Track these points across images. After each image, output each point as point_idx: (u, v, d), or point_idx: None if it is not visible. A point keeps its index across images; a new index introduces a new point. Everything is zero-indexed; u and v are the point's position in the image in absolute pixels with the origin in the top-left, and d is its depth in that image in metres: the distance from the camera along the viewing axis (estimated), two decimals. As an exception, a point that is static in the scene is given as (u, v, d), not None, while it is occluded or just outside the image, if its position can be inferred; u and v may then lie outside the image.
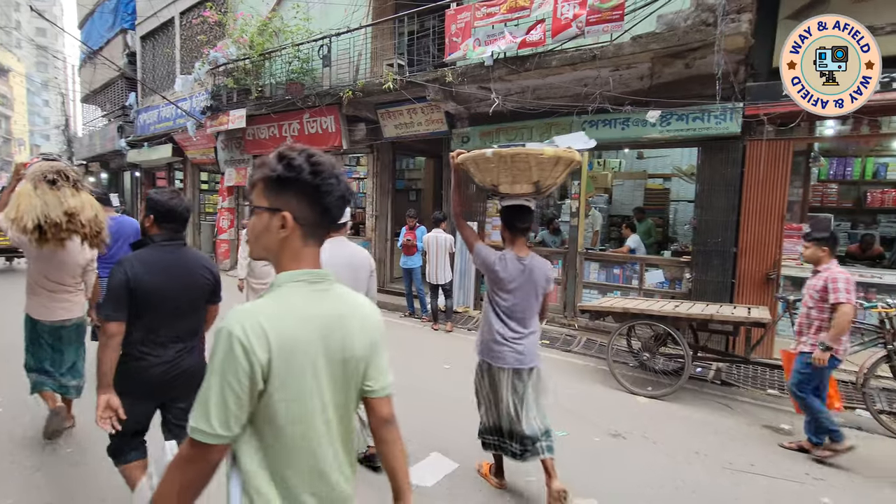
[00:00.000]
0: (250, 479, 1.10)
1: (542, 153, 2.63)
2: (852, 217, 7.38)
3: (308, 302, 1.16)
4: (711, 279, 5.86)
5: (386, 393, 1.30)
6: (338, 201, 1.18)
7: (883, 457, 3.69)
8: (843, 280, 3.46)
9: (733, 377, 5.28)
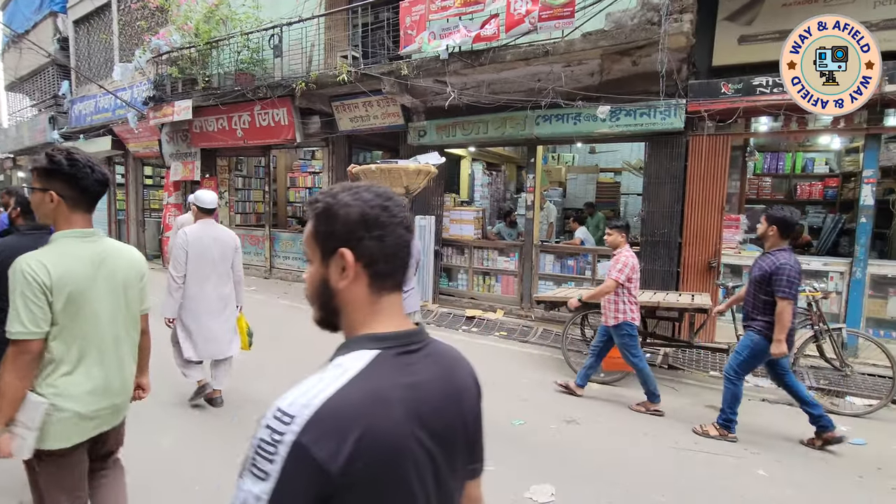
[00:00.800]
0: (52, 351, 1.71)
1: (409, 168, 4.25)
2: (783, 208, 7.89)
3: (79, 247, 1.75)
4: (659, 268, 6.12)
5: (145, 310, 2.02)
6: (94, 184, 1.74)
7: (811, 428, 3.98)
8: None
9: (679, 361, 5.56)
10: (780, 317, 3.48)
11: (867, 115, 5.17)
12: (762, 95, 5.28)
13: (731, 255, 5.83)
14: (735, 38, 5.57)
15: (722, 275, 5.78)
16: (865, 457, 3.52)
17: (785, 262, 3.52)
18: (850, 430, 3.88)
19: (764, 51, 5.43)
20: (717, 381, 5.10)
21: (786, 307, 3.46)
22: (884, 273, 5.22)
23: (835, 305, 5.36)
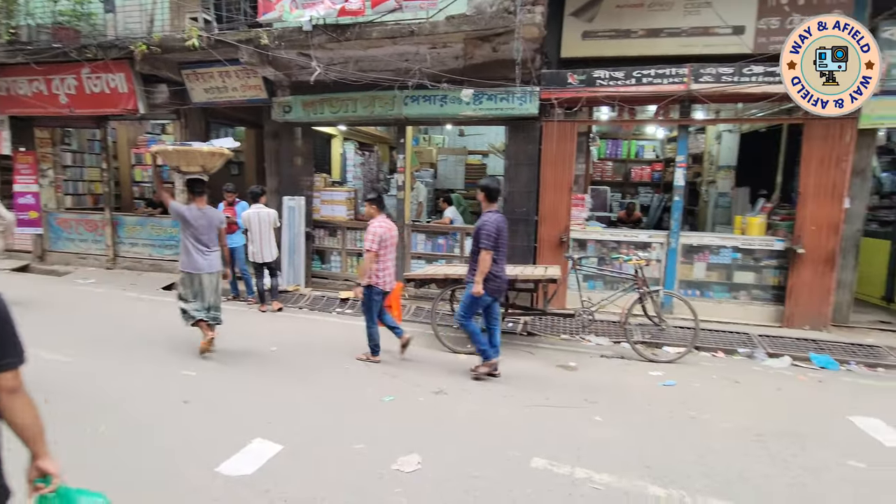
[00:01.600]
0: None
1: (203, 149, 4.73)
2: (622, 189, 9.04)
3: None
4: (519, 244, 6.61)
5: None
6: None
7: (637, 376, 4.66)
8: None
9: (537, 328, 6.10)
10: (480, 264, 4.24)
11: (679, 110, 6.06)
12: (601, 87, 5.91)
13: (579, 231, 6.51)
14: (579, 33, 6.12)
15: (571, 248, 6.43)
16: (674, 395, 4.23)
17: (485, 220, 4.26)
18: (664, 374, 4.64)
19: (603, 46, 6.07)
20: (568, 342, 5.72)
21: (483, 256, 4.21)
22: (691, 242, 6.26)
23: (657, 271, 6.30)
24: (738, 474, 2.99)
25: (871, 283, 7.18)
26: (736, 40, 5.60)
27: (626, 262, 5.30)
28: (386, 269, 4.71)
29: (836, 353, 5.17)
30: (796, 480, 2.95)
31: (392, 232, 4.73)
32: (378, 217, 4.70)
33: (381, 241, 4.59)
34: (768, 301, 6.05)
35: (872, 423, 3.71)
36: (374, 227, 4.58)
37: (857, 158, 5.58)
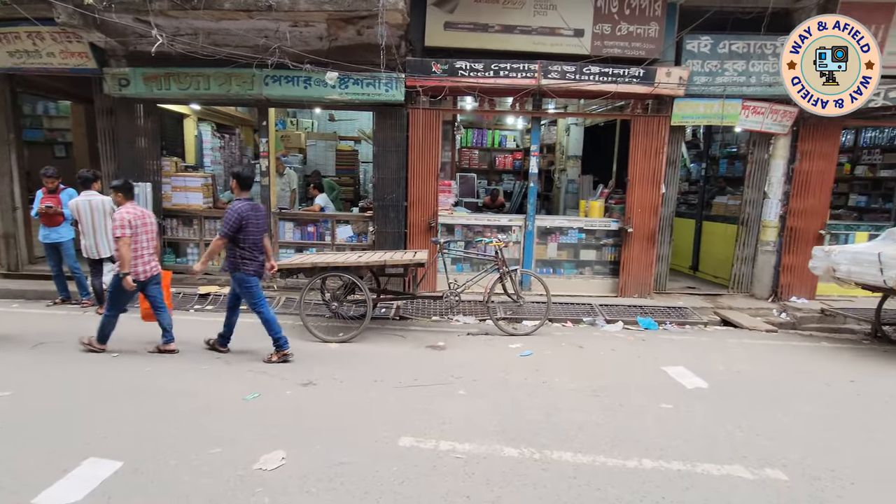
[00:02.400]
0: None
1: None
2: (487, 176, 9.58)
3: None
4: (390, 230, 6.68)
5: None
6: None
7: (499, 350, 5.05)
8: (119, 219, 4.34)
9: (409, 311, 6.26)
10: (210, 248, 4.44)
11: (532, 102, 6.59)
12: (463, 77, 6.16)
13: (446, 216, 6.78)
14: (442, 23, 6.28)
15: (439, 233, 6.68)
16: (530, 364, 4.67)
17: (229, 209, 4.36)
18: (522, 346, 5.10)
19: (464, 38, 6.31)
20: (438, 324, 5.96)
21: (215, 241, 4.37)
22: (545, 225, 6.91)
23: (517, 252, 6.84)
24: (579, 427, 3.43)
25: (682, 256, 8.64)
26: (577, 42, 6.22)
27: (488, 245, 5.67)
28: (140, 256, 4.54)
29: (656, 315, 6.15)
30: (621, 424, 3.47)
31: (146, 219, 4.59)
32: (126, 204, 4.51)
33: (132, 225, 4.40)
34: (607, 275, 6.96)
35: (679, 370, 4.51)
36: (120, 214, 4.39)
37: (670, 151, 6.61)
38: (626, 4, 6.19)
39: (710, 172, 9.04)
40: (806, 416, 3.70)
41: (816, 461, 3.04)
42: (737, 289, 7.13)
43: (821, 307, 6.31)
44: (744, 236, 7.02)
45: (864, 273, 5.01)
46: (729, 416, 3.61)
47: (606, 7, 6.19)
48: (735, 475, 2.89)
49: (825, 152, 6.68)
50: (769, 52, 6.36)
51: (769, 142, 6.72)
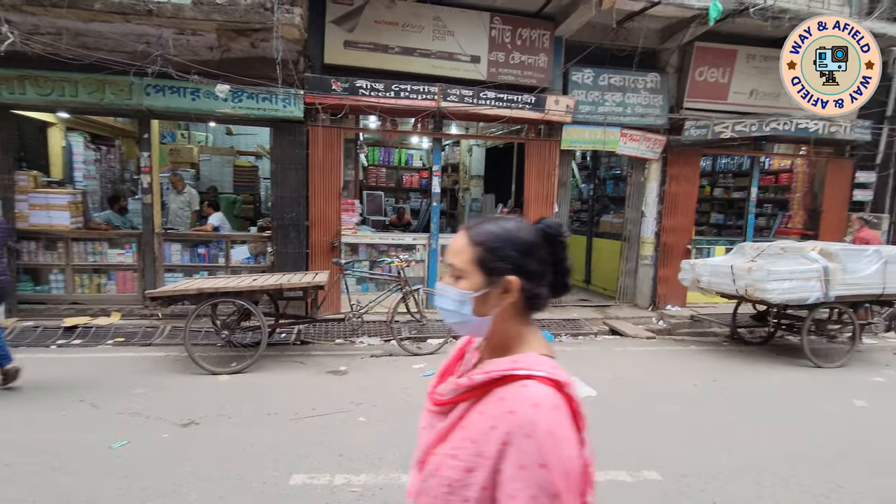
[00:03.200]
0: None
1: None
2: (395, 194, 9.60)
3: None
4: (290, 251, 6.40)
5: None
6: None
7: (403, 371, 5.01)
8: None
9: (311, 335, 6.01)
10: None
11: (433, 123, 6.73)
12: (364, 97, 6.14)
13: (350, 236, 6.65)
14: (341, 41, 6.22)
15: (343, 253, 6.53)
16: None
17: None
18: (426, 365, 5.11)
19: (365, 58, 6.29)
20: (341, 347, 5.79)
21: None
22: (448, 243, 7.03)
23: (421, 270, 6.89)
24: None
25: (575, 270, 9.21)
26: (474, 68, 6.49)
27: (391, 264, 5.65)
28: None
29: (553, 328, 6.51)
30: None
31: None
32: None
33: None
34: (509, 290, 7.23)
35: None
36: None
37: (561, 173, 7.09)
38: (517, 35, 6.59)
39: (598, 192, 9.83)
40: (677, 417, 4.09)
41: (685, 459, 3.37)
42: (622, 299, 7.79)
43: (690, 314, 7.08)
44: (626, 251, 7.71)
45: (722, 283, 5.71)
46: (614, 423, 3.88)
47: (500, 37, 6.54)
48: (618, 480, 3.11)
49: (689, 176, 7.58)
50: (641, 87, 7.11)
51: (644, 166, 7.48)
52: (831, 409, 4.39)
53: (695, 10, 6.24)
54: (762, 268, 5.27)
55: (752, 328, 6.60)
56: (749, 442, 3.67)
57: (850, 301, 5.61)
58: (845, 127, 7.40)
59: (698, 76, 7.21)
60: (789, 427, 3.98)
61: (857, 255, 5.50)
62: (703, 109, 7.36)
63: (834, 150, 8.16)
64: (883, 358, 6.02)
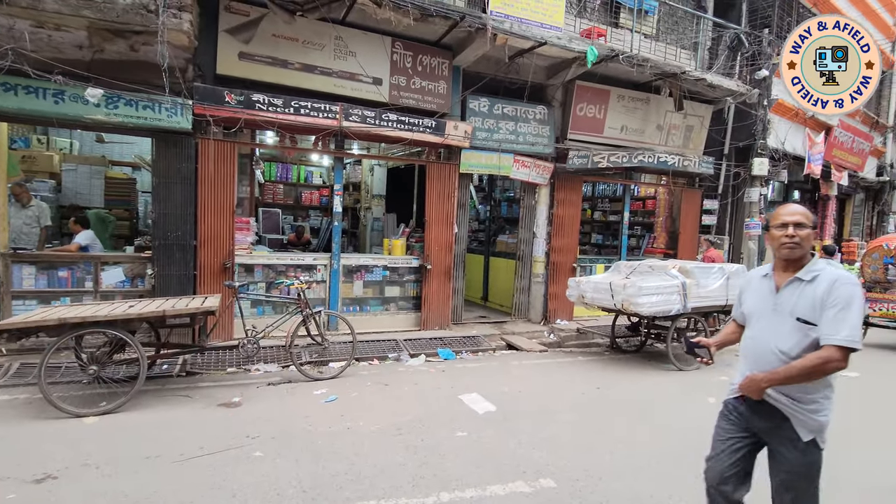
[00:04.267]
0: None
1: None
2: (294, 212, 9.26)
3: None
4: (174, 273, 5.86)
5: None
6: None
7: (303, 398, 4.81)
8: None
9: (199, 365, 5.53)
10: None
11: (335, 142, 6.66)
12: (261, 111, 5.89)
13: (244, 256, 6.28)
14: (236, 52, 5.93)
15: (236, 274, 6.14)
16: (335, 409, 4.56)
17: None
18: (328, 391, 4.96)
19: (262, 71, 6.06)
20: (234, 376, 5.40)
21: None
22: (351, 263, 6.96)
23: (322, 291, 6.71)
24: (381, 470, 3.45)
25: (475, 288, 9.66)
26: (376, 90, 6.56)
27: (289, 286, 5.42)
28: None
29: (454, 345, 6.70)
30: (422, 461, 3.63)
31: None
32: None
33: None
34: (410, 310, 7.32)
35: (473, 397, 4.96)
36: None
37: (460, 195, 7.40)
38: (418, 62, 6.81)
39: (495, 213, 10.39)
40: (568, 425, 4.43)
41: (576, 464, 3.66)
42: (518, 315, 8.26)
43: (577, 327, 7.73)
44: (520, 270, 8.23)
45: (602, 298, 6.34)
46: (512, 435, 4.10)
47: (402, 62, 6.71)
48: (517, 491, 3.28)
49: (573, 200, 8.35)
50: (531, 118, 7.73)
51: (535, 190, 8.10)
52: (691, 407, 5.06)
53: (575, 53, 6.97)
54: (634, 284, 5.96)
55: (627, 338, 7.38)
56: (628, 442, 4.10)
57: (702, 311, 6.54)
58: (695, 162, 8.70)
59: (579, 111, 8.03)
60: (659, 425, 4.51)
61: (706, 272, 6.46)
62: (584, 141, 8.20)
63: (687, 181, 9.54)
64: (727, 359, 7.07)
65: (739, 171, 9.59)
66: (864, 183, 14.27)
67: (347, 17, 6.17)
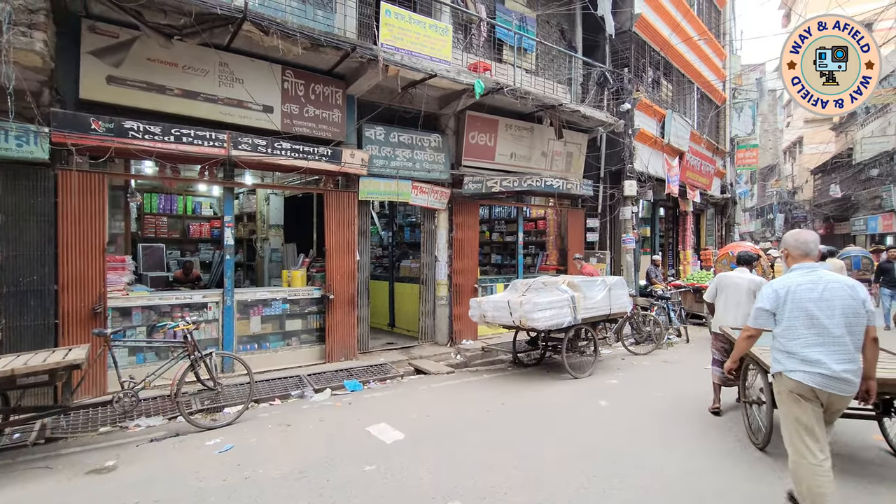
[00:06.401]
0: None
1: None
2: (181, 246, 8.54)
3: None
4: (29, 323, 5.09)
5: None
6: None
7: (193, 451, 4.38)
8: None
9: (63, 428, 4.81)
10: None
11: (224, 172, 6.32)
12: (135, 140, 5.41)
13: (119, 298, 5.64)
14: (104, 76, 5.43)
15: (109, 320, 5.49)
16: (231, 458, 4.20)
17: None
18: (223, 440, 4.57)
19: (137, 97, 5.59)
20: (109, 435, 4.78)
21: None
22: (246, 298, 6.56)
23: (215, 331, 6.23)
24: (284, 519, 3.26)
25: (381, 315, 9.59)
26: (266, 118, 6.37)
27: (174, 328, 4.96)
28: None
29: (361, 375, 6.56)
30: (328, 502, 3.48)
31: None
32: None
33: None
34: (314, 342, 7.06)
35: (381, 427, 4.88)
36: None
37: (361, 222, 7.37)
38: (311, 90, 6.75)
39: (398, 239, 10.46)
40: (475, 444, 4.53)
41: (483, 483, 3.74)
42: (425, 339, 8.33)
43: (482, 346, 7.99)
44: (425, 293, 8.34)
45: (502, 316, 6.65)
46: (420, 462, 4.10)
47: (293, 90, 6.60)
48: (426, 517, 3.27)
49: (471, 224, 8.71)
50: (426, 145, 7.99)
51: (435, 215, 8.32)
52: (586, 411, 5.45)
53: (464, 85, 7.38)
54: (530, 301, 6.33)
55: (528, 352, 7.77)
56: (530, 454, 4.29)
57: (591, 321, 7.12)
58: (576, 184, 9.55)
59: (471, 139, 8.46)
60: (558, 434, 4.79)
61: (592, 285, 7.07)
62: (478, 167, 8.64)
63: (571, 202, 10.43)
64: (615, 364, 7.76)
65: (614, 192, 10.72)
66: (712, 200, 16.63)
67: (232, 43, 5.96)
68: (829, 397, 2.86)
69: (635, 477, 3.83)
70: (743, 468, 3.99)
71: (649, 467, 4.00)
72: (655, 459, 4.15)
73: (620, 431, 4.82)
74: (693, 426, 4.94)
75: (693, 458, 4.17)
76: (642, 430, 4.85)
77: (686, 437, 4.63)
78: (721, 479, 3.82)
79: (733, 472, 3.93)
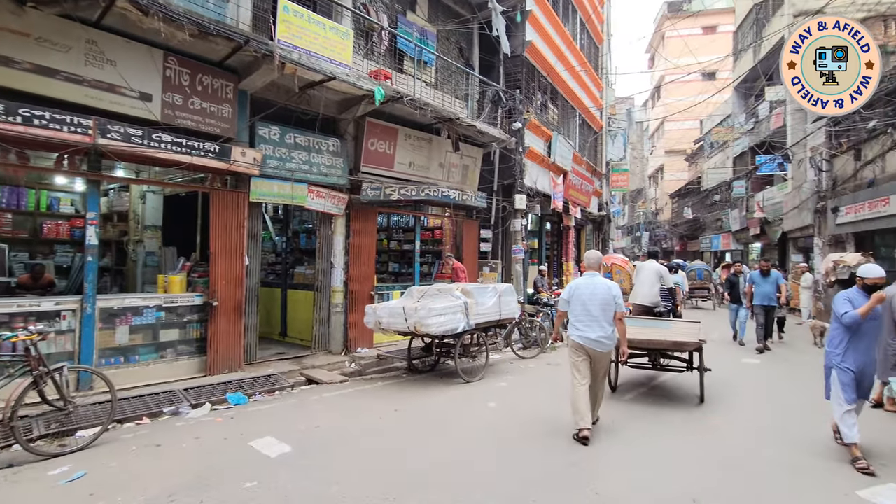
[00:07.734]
0: None
1: None
2: (31, 247, 7.35)
3: None
4: None
5: None
6: None
7: (32, 484, 3.78)
8: None
9: None
10: None
11: (88, 163, 5.61)
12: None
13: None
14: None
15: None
16: (82, 488, 3.67)
17: None
18: (72, 467, 3.99)
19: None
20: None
21: None
22: (111, 306, 5.83)
23: (70, 343, 5.45)
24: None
25: (272, 323, 9.12)
26: (144, 106, 5.79)
27: (12, 339, 4.23)
28: None
29: (246, 388, 6.15)
30: (202, 524, 3.21)
31: None
32: None
33: None
34: (193, 354, 6.48)
35: (266, 441, 4.62)
36: None
37: (251, 225, 6.97)
38: (198, 81, 6.27)
39: (293, 245, 10.02)
40: (365, 452, 4.48)
41: (373, 491, 3.69)
42: (318, 347, 8.07)
43: (377, 353, 7.93)
44: (319, 301, 8.09)
45: (397, 322, 6.68)
46: (307, 475, 3.94)
47: (177, 79, 6.08)
48: (312, 530, 3.16)
49: (369, 230, 8.66)
50: (324, 149, 7.82)
51: (332, 221, 8.14)
52: (476, 414, 5.66)
53: (364, 91, 7.37)
54: (425, 307, 6.45)
55: (422, 359, 7.88)
56: (421, 458, 4.35)
57: (482, 327, 7.44)
58: (471, 196, 9.95)
59: (371, 146, 8.45)
60: (449, 436, 4.92)
61: (483, 292, 7.40)
62: (376, 174, 8.64)
63: (466, 213, 10.84)
64: (504, 368, 8.17)
65: (506, 205, 11.35)
66: (591, 216, 18.36)
67: (103, 20, 5.35)
68: (592, 352, 4.76)
69: (522, 470, 4.07)
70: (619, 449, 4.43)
71: (535, 461, 4.27)
72: (539, 453, 4.44)
73: (508, 430, 5.09)
74: (570, 421, 5.38)
75: (576, 450, 4.54)
76: (528, 427, 5.17)
77: (569, 430, 5.02)
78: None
79: (619, 454, 4.35)
